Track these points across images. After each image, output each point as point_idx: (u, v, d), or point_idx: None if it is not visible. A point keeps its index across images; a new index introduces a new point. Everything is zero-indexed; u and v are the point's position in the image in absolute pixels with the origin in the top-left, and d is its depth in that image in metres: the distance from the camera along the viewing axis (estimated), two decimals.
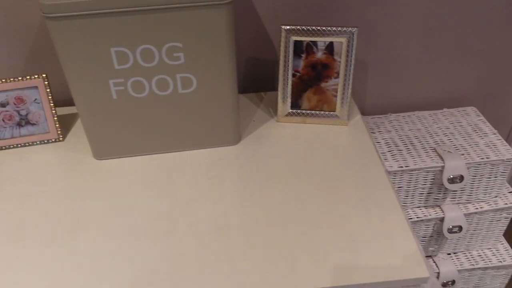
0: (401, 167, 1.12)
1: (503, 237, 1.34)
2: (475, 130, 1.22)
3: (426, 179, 1.15)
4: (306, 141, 1.03)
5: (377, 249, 0.79)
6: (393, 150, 1.17)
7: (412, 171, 1.13)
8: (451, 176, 1.12)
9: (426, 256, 1.30)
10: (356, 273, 0.76)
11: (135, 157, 0.98)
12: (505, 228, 1.27)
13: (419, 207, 1.22)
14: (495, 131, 1.22)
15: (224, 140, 1.00)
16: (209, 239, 0.81)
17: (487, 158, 1.13)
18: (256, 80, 1.22)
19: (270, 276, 0.75)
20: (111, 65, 0.82)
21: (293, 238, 0.81)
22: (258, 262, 0.77)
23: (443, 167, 1.12)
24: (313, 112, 1.06)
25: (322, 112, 1.06)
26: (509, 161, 1.14)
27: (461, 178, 1.12)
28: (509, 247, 1.32)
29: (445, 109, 1.31)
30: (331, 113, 1.06)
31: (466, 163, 1.12)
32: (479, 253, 1.32)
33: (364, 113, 1.35)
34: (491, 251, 1.32)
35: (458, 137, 1.21)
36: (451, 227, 1.19)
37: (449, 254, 1.32)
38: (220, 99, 0.92)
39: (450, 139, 1.20)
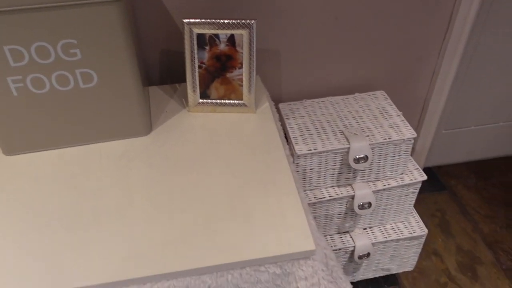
0: (310, 150, 1.19)
1: (414, 210, 1.44)
2: (382, 113, 1.31)
3: (335, 160, 1.23)
4: (215, 129, 1.08)
5: (271, 228, 0.86)
6: (304, 135, 1.24)
7: (321, 153, 1.20)
8: (357, 157, 1.20)
9: (344, 232, 1.39)
10: (249, 250, 0.82)
11: (45, 151, 1.01)
12: (413, 202, 1.37)
13: (332, 186, 1.29)
14: (400, 113, 1.30)
15: (134, 132, 1.03)
16: (113, 226, 0.85)
17: (389, 138, 1.22)
18: (171, 71, 1.26)
19: (169, 255, 0.80)
20: (6, 63, 0.84)
21: (193, 221, 0.86)
22: (159, 244, 0.82)
23: (349, 148, 1.20)
24: (221, 101, 1.11)
25: (230, 101, 1.11)
26: (410, 140, 1.23)
27: (366, 158, 1.20)
28: (419, 219, 1.42)
29: (356, 94, 1.39)
30: (239, 101, 1.11)
31: (370, 144, 1.20)
32: (392, 226, 1.42)
33: (281, 100, 1.41)
34: (403, 223, 1.42)
35: (365, 119, 1.29)
36: (361, 204, 1.28)
37: (365, 229, 1.41)
38: (124, 93, 0.96)
39: (358, 122, 1.28)
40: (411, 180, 1.31)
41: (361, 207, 1.28)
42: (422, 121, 1.58)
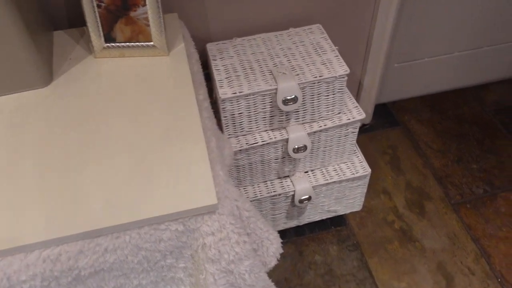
0: (235, 93, 1.10)
1: (358, 149, 1.39)
2: (316, 49, 1.21)
3: (264, 103, 1.15)
4: (122, 76, 0.98)
5: (173, 182, 0.79)
6: (231, 77, 1.15)
7: (247, 96, 1.12)
8: (285, 98, 1.12)
9: (284, 177, 1.34)
10: (147, 207, 0.75)
11: None
12: (354, 141, 1.31)
13: (265, 130, 1.22)
14: (335, 48, 1.21)
15: (29, 83, 0.93)
16: (4, 186, 0.77)
17: (320, 76, 1.13)
18: (78, 13, 1.13)
19: (59, 218, 0.73)
20: None
21: (90, 180, 0.79)
22: (49, 207, 0.75)
23: (277, 89, 1.11)
24: (129, 44, 1.01)
25: (139, 43, 1.01)
26: (342, 78, 1.15)
27: (295, 99, 1.12)
28: (363, 159, 1.37)
29: (291, 29, 1.28)
30: (148, 43, 1.00)
31: (299, 84, 1.12)
32: (334, 168, 1.37)
33: (211, 40, 1.30)
34: (346, 164, 1.37)
35: (298, 57, 1.19)
36: (296, 147, 1.22)
37: (306, 172, 1.36)
38: (8, 42, 0.84)
39: (289, 60, 1.19)
40: (349, 119, 1.24)
41: (296, 150, 1.22)
42: (367, 55, 1.49)
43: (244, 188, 1.32)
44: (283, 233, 1.46)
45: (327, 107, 1.21)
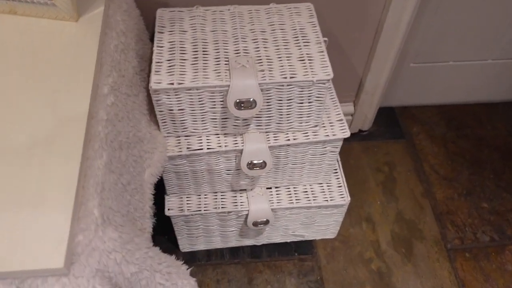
0: (172, 84, 0.81)
1: (340, 168, 1.10)
2: (297, 37, 0.90)
3: (214, 101, 0.86)
4: (4, 40, 0.70)
5: (11, 222, 0.53)
6: (174, 59, 0.85)
7: (189, 90, 0.83)
8: (238, 100, 0.83)
9: (241, 190, 1.06)
10: None
11: None
12: (334, 162, 1.02)
13: (216, 134, 0.94)
14: (322, 39, 0.90)
15: None
16: None
17: (292, 78, 0.83)
18: None
19: None
20: None
21: None
22: None
23: (229, 87, 0.82)
24: None
25: None
26: (322, 83, 0.84)
27: (253, 102, 0.83)
28: (343, 183, 1.09)
29: (272, 5, 0.97)
30: (47, 1, 0.71)
31: (261, 83, 0.82)
32: (305, 188, 1.08)
33: (167, 4, 1.00)
34: (321, 186, 1.09)
35: (270, 45, 0.89)
36: (251, 162, 0.93)
37: (269, 188, 1.08)
38: None
39: (257, 48, 0.88)
40: (327, 135, 0.94)
41: (252, 166, 0.94)
42: (373, 50, 1.17)
43: (188, 198, 1.05)
44: (234, 251, 1.21)
45: (300, 117, 0.91)
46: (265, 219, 1.05)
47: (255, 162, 0.93)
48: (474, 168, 1.39)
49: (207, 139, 0.93)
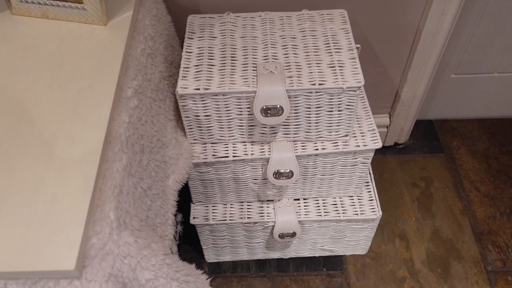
0: (198, 89, 0.80)
1: (372, 182, 1.05)
2: (328, 44, 0.88)
3: (240, 108, 0.84)
4: (36, 43, 0.71)
5: (26, 222, 0.52)
6: (202, 65, 0.84)
7: (215, 95, 0.81)
8: (265, 107, 0.81)
9: (268, 200, 1.04)
10: None
11: None
12: (365, 174, 0.98)
13: (243, 142, 0.92)
14: (355, 46, 0.87)
15: None
16: None
17: (321, 84, 0.80)
18: None
19: None
20: None
21: None
22: None
23: (256, 93, 0.80)
24: (54, 2, 0.73)
25: (66, 3, 0.72)
26: (353, 90, 0.81)
27: (280, 109, 0.81)
28: (375, 196, 1.04)
29: (304, 11, 0.95)
30: (78, 5, 0.72)
31: (289, 90, 0.80)
32: (334, 200, 1.05)
33: (199, 10, 0.99)
34: (352, 199, 1.05)
35: (300, 51, 0.87)
36: (278, 171, 0.91)
37: (297, 200, 1.05)
38: None
39: (287, 54, 0.86)
40: (358, 145, 0.90)
41: (278, 176, 0.91)
42: (410, 60, 1.12)
43: (213, 206, 1.04)
44: (261, 263, 1.17)
45: (329, 126, 0.88)
46: (291, 232, 1.02)
47: (281, 171, 0.90)
48: None
49: (233, 147, 0.92)
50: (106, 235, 0.54)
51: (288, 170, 0.90)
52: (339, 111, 0.85)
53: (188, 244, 1.20)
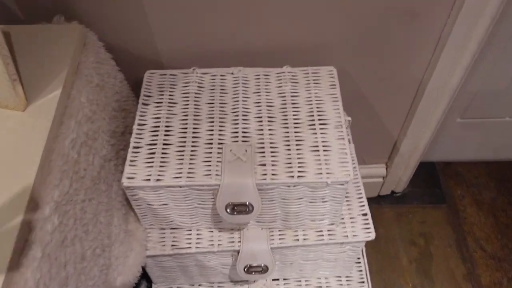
0: (149, 179, 0.65)
1: (363, 256, 0.91)
2: (311, 113, 0.72)
3: (203, 199, 0.69)
4: None
5: None
6: (156, 144, 0.69)
7: (170, 187, 0.66)
8: (231, 203, 0.65)
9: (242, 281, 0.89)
10: None
11: None
12: (353, 260, 0.83)
13: (208, 228, 0.77)
14: (343, 119, 0.71)
15: None
16: None
17: (300, 176, 0.65)
18: None
19: None
20: None
21: None
22: None
23: (219, 186, 0.64)
24: None
25: None
26: (340, 184, 0.65)
27: (249, 207, 0.65)
28: (366, 275, 0.89)
29: (286, 68, 0.79)
30: None
31: (260, 184, 0.64)
32: (319, 281, 0.90)
33: (161, 64, 0.83)
34: (339, 279, 0.90)
35: (277, 125, 0.71)
36: (249, 265, 0.76)
37: (276, 279, 0.90)
38: None
39: (261, 129, 0.70)
40: (346, 236, 0.75)
41: (250, 271, 0.76)
42: (410, 116, 0.96)
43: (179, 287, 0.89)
44: None
45: (312, 216, 0.73)
46: None
47: (254, 265, 0.75)
48: None
49: (197, 234, 0.76)
50: None
51: (262, 265, 0.75)
52: (323, 202, 0.70)
53: None
